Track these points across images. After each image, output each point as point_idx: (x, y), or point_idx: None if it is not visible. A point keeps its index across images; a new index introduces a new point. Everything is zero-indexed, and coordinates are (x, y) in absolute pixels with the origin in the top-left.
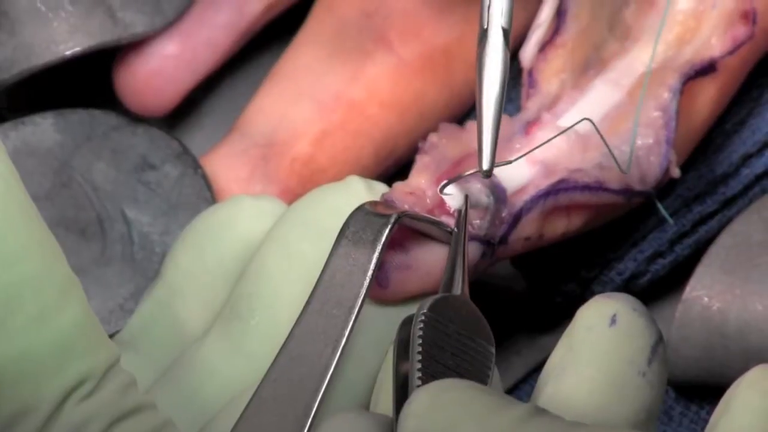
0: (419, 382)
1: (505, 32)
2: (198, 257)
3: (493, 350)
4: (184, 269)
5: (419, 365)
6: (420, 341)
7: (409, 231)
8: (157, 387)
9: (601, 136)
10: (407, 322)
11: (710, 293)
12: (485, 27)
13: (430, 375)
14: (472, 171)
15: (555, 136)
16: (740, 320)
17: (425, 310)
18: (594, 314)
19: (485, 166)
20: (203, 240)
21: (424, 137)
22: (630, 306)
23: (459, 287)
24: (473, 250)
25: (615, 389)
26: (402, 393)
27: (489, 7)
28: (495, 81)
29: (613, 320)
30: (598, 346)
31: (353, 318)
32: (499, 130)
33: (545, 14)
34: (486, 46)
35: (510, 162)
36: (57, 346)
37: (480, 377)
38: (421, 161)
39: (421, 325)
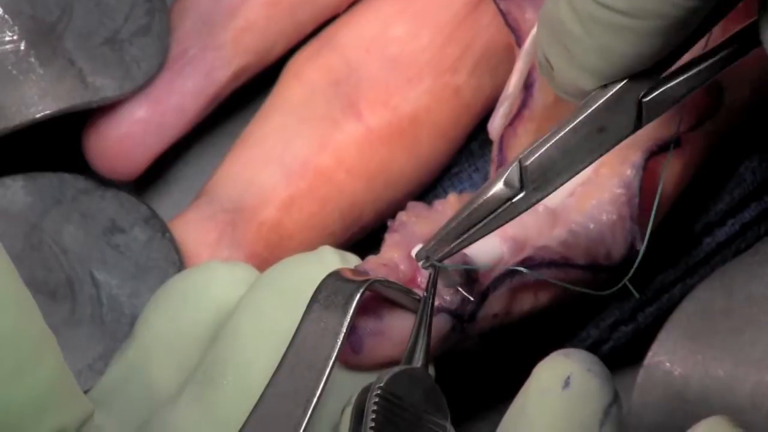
0: None
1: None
2: (171, 320)
3: (448, 424)
4: (157, 332)
5: None
6: (374, 416)
7: (382, 299)
8: None
9: None
10: (366, 390)
11: (672, 358)
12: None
13: None
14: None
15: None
16: (702, 386)
17: (382, 384)
18: (548, 376)
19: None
20: (177, 303)
21: (392, 210)
22: (585, 366)
23: (419, 358)
24: (444, 322)
25: None
26: None
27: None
28: (485, 209)
29: (566, 383)
30: (551, 410)
31: (324, 379)
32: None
33: (513, 85)
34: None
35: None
36: (34, 399)
37: None
38: (391, 239)
39: (376, 400)
